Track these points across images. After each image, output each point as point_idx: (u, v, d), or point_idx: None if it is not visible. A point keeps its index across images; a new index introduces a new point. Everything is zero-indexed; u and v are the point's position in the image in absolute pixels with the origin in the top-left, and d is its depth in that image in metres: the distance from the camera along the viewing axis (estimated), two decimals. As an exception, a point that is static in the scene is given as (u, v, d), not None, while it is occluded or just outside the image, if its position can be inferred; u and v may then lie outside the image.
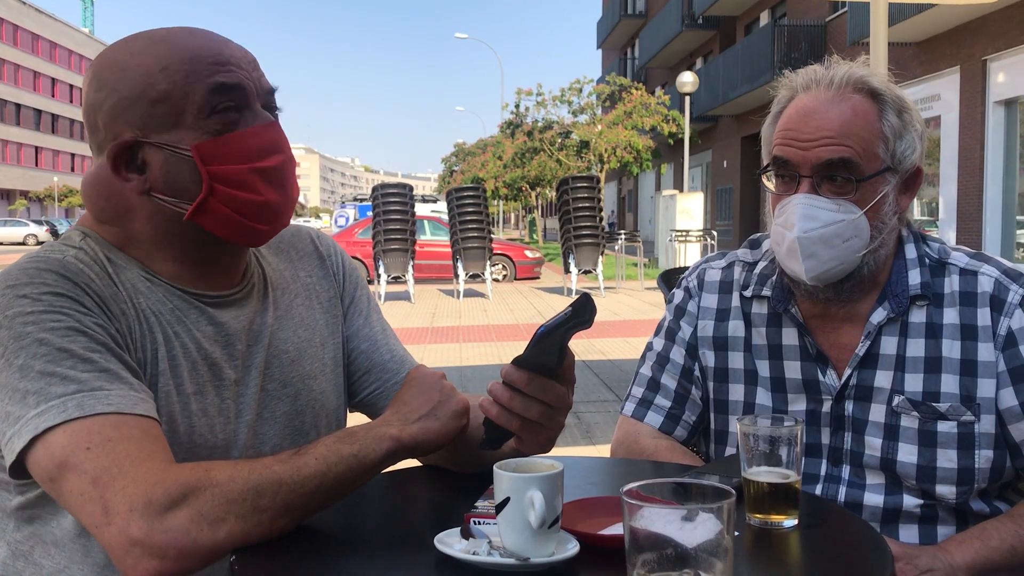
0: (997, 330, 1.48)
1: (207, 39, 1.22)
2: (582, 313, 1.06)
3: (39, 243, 50.79)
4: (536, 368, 1.13)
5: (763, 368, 1.60)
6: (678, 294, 1.73)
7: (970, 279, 1.52)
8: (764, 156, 1.56)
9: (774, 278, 1.60)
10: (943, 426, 1.47)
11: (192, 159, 1.18)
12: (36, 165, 77.73)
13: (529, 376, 1.14)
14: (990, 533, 1.42)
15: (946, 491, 1.47)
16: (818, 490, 1.53)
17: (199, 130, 1.18)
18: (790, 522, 1.16)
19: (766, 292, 1.60)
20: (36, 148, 77.62)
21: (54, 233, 51.85)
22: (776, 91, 1.57)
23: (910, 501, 1.49)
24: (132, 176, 1.20)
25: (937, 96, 17.91)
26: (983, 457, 1.47)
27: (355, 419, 1.35)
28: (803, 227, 1.45)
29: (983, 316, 1.49)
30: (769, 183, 1.54)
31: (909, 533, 1.50)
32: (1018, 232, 16.68)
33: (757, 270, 1.64)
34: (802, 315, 1.57)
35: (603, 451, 5.15)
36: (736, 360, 1.63)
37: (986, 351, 1.48)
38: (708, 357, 1.65)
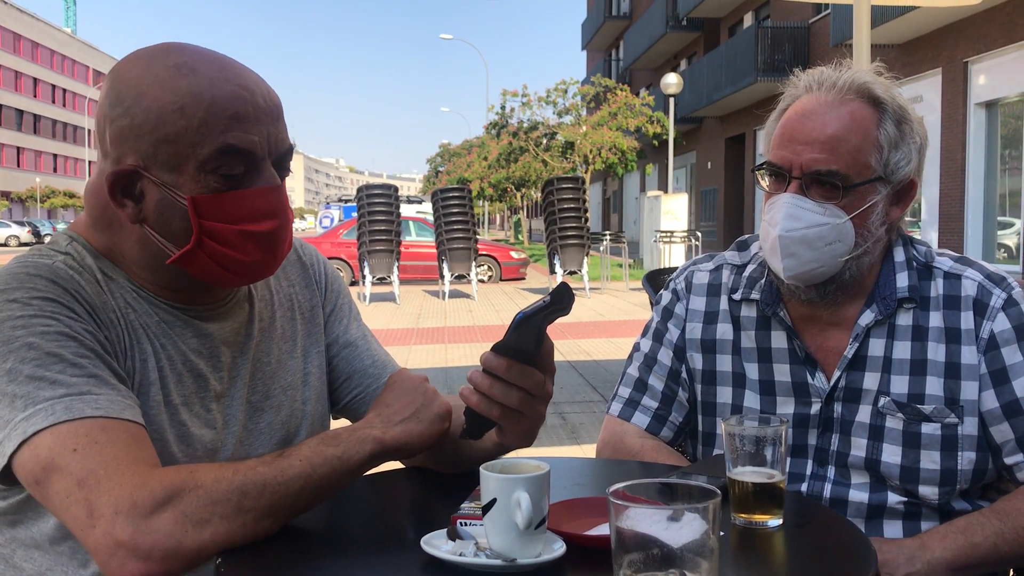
0: (980, 333, 1.49)
1: (233, 83, 1.15)
2: (560, 300, 1.07)
3: (21, 244, 50.28)
4: (515, 354, 1.14)
5: (752, 371, 1.61)
6: (665, 296, 1.73)
7: (954, 283, 1.53)
8: (763, 152, 1.57)
9: (763, 281, 1.61)
10: (927, 428, 1.48)
11: (186, 207, 1.15)
12: (18, 166, 77.17)
13: (508, 363, 1.14)
14: (975, 529, 1.42)
15: (929, 492, 1.48)
16: (804, 488, 1.54)
17: (199, 182, 1.15)
18: (775, 522, 1.17)
19: (755, 295, 1.61)
20: (18, 148, 77.06)
21: (36, 234, 51.53)
22: (781, 89, 1.58)
23: (894, 499, 1.50)
24: (127, 203, 1.18)
25: (919, 98, 18.03)
26: (966, 459, 1.48)
27: (338, 425, 1.35)
28: (786, 226, 1.47)
29: (966, 319, 1.50)
30: (763, 181, 1.55)
31: (893, 529, 1.51)
32: (999, 233, 16.82)
33: (746, 273, 1.65)
34: (790, 318, 1.58)
35: (588, 451, 5.15)
36: (724, 363, 1.63)
37: (969, 354, 1.49)
38: (696, 359, 1.66)
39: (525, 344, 1.14)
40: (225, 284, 1.25)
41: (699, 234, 18.47)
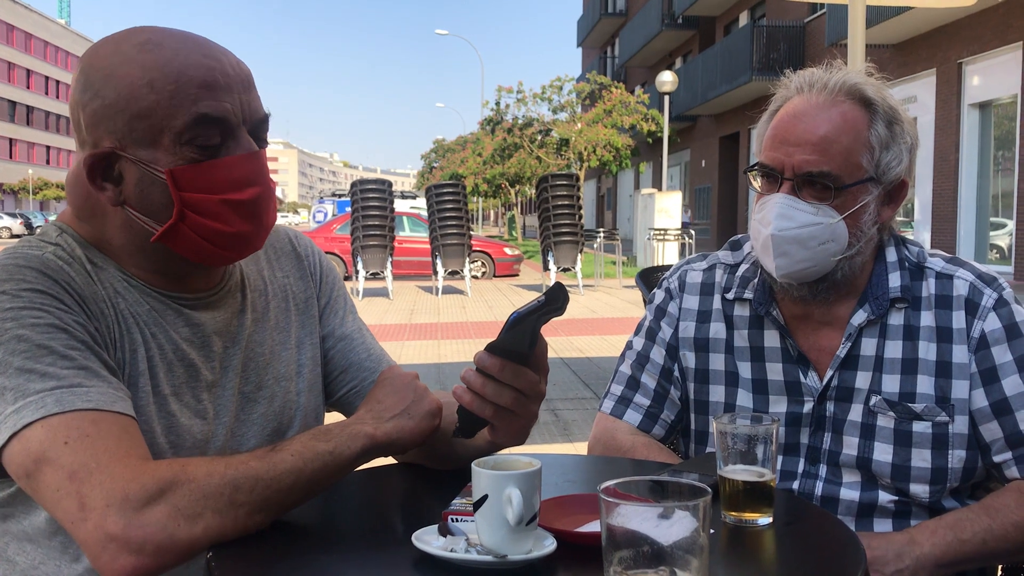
0: (971, 333, 1.50)
1: (200, 55, 1.15)
2: (555, 301, 1.08)
3: (13, 236, 50.02)
4: (509, 354, 1.14)
5: (744, 370, 1.61)
6: (659, 295, 1.74)
7: (946, 283, 1.54)
8: (755, 153, 1.58)
9: (756, 281, 1.61)
10: (918, 426, 1.49)
11: (165, 181, 1.15)
12: (10, 157, 76.81)
13: (502, 362, 1.14)
14: (964, 526, 1.43)
15: (919, 490, 1.49)
16: (795, 486, 1.55)
17: (175, 155, 1.14)
18: (764, 520, 1.17)
19: (748, 295, 1.62)
20: (10, 140, 76.70)
21: (28, 226, 51.35)
22: (774, 89, 1.58)
23: (885, 497, 1.51)
24: (107, 186, 1.18)
25: (913, 98, 18.08)
26: (956, 457, 1.49)
27: (332, 419, 1.35)
28: (778, 225, 1.47)
29: (958, 319, 1.51)
30: (755, 182, 1.56)
31: (883, 527, 1.51)
32: (991, 233, 16.87)
33: (739, 272, 1.65)
34: (783, 317, 1.59)
35: (580, 448, 5.16)
36: (717, 362, 1.64)
37: (960, 353, 1.50)
38: (689, 358, 1.66)
39: (519, 344, 1.14)
40: (212, 261, 1.24)
41: (692, 232, 18.49)
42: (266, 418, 1.32)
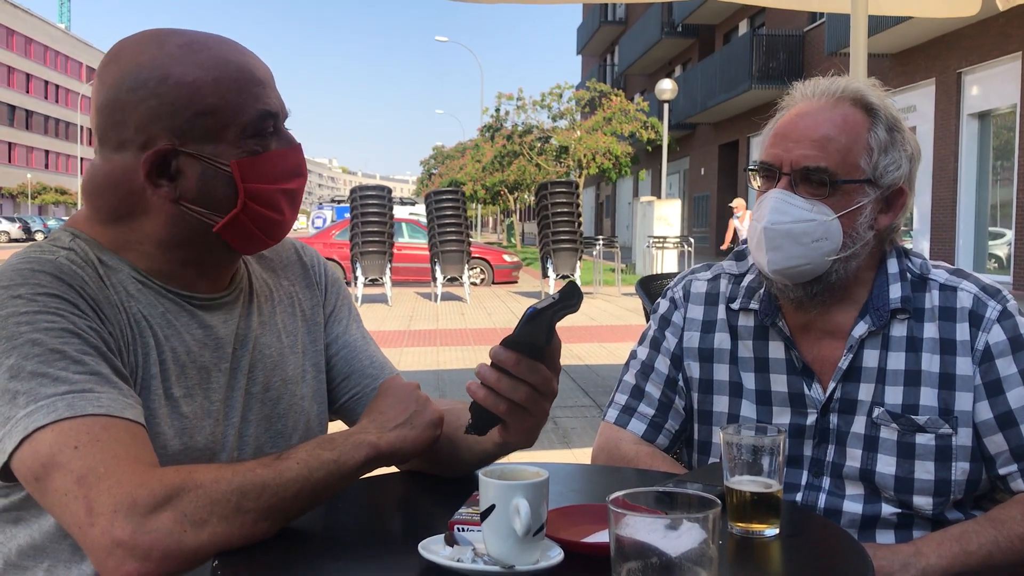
0: (975, 344, 1.50)
1: (242, 54, 1.23)
2: (569, 297, 1.10)
3: (12, 240, 49.75)
4: (524, 348, 1.15)
5: (749, 381, 1.61)
6: (663, 304, 1.74)
7: (949, 295, 1.54)
8: (760, 154, 1.59)
9: (761, 291, 1.62)
10: (921, 438, 1.49)
11: (230, 174, 1.20)
12: (9, 161, 76.85)
13: (517, 357, 1.15)
14: (970, 538, 1.43)
15: (923, 502, 1.49)
16: (798, 498, 1.55)
17: (240, 148, 1.20)
18: (771, 531, 1.17)
19: (753, 305, 1.62)
20: (9, 144, 76.74)
21: (27, 230, 51.31)
22: (774, 97, 1.60)
23: (887, 510, 1.51)
24: (163, 183, 1.19)
25: (913, 107, 18.12)
26: (959, 469, 1.49)
27: (334, 427, 1.36)
28: (772, 219, 1.49)
29: (962, 331, 1.51)
30: (754, 181, 1.57)
31: (886, 539, 1.51)
32: (990, 243, 16.89)
33: (744, 283, 1.65)
34: (788, 329, 1.59)
35: (580, 456, 5.16)
36: (721, 372, 1.64)
37: (964, 365, 1.50)
38: (693, 368, 1.66)
39: (536, 338, 1.14)
40: (252, 249, 1.30)
41: (692, 240, 18.50)
42: (271, 419, 1.33)
